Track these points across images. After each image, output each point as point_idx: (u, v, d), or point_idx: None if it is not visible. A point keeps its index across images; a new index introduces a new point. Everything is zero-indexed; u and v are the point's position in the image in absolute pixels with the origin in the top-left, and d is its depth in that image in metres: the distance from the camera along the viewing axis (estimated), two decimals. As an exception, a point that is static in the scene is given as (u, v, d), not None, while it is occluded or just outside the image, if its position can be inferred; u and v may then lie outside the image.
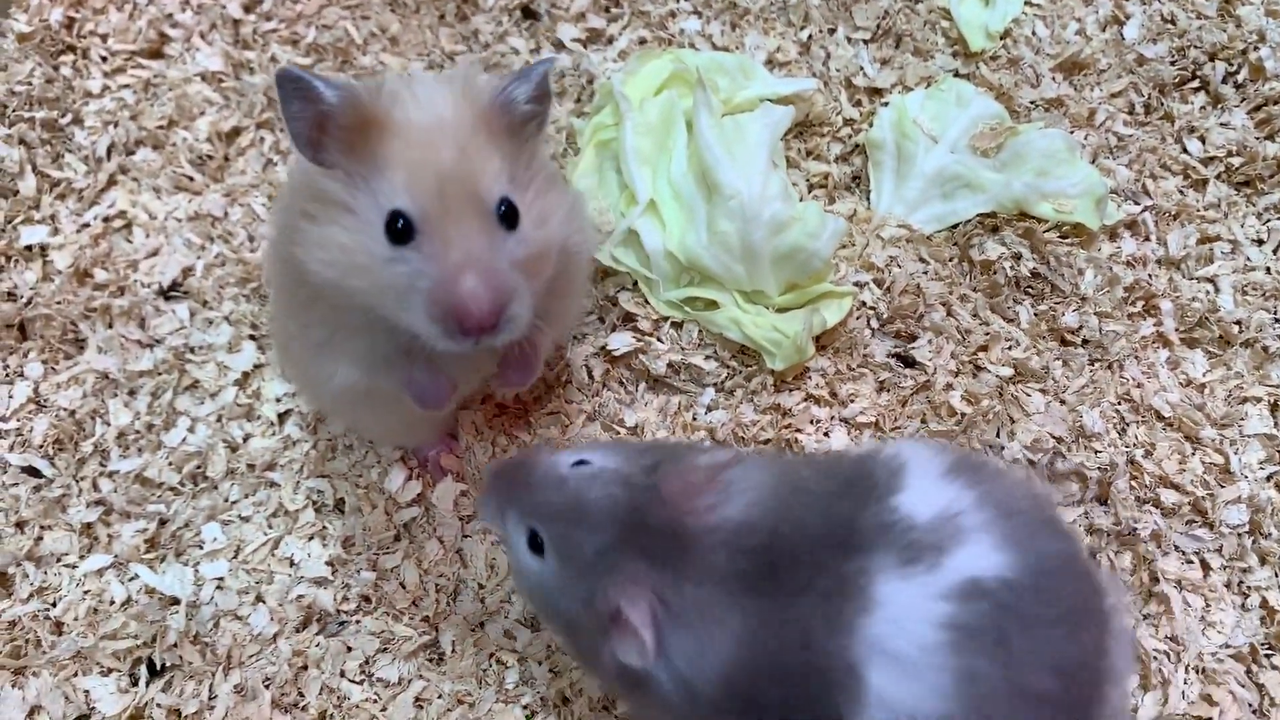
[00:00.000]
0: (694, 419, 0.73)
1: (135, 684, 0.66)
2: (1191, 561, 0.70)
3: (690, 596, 0.50)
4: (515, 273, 0.49)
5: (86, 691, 0.66)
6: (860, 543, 0.51)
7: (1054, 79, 0.87)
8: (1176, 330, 0.77)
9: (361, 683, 0.66)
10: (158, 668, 0.67)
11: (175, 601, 0.68)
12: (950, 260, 0.78)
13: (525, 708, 0.64)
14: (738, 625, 0.50)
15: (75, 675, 0.66)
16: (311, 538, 0.70)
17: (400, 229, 0.48)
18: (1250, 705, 0.65)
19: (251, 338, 0.77)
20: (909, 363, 0.74)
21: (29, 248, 0.81)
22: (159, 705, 0.65)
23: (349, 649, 0.66)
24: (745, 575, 0.50)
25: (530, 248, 0.51)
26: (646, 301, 0.77)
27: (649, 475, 0.52)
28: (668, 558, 0.50)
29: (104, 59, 0.90)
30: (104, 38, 0.90)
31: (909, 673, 0.49)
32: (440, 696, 0.65)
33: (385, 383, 0.57)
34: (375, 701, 0.65)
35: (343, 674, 0.65)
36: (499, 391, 0.72)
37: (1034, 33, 0.89)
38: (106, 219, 0.82)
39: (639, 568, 0.50)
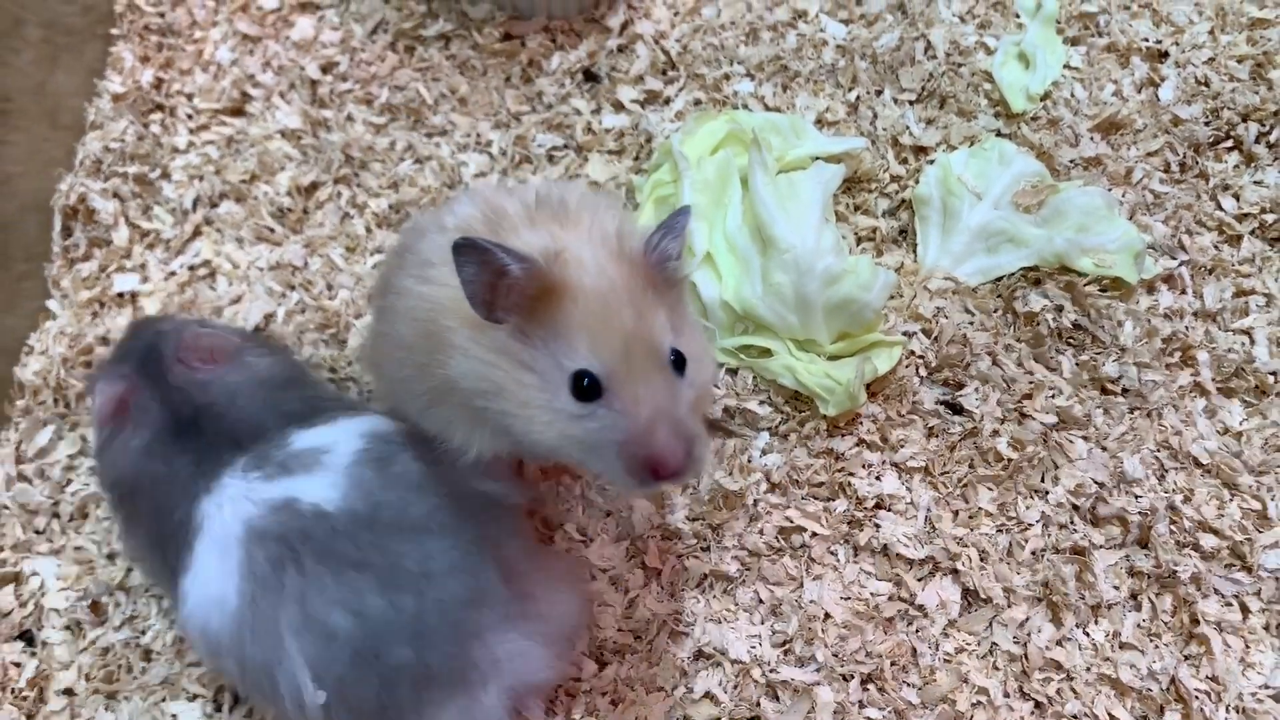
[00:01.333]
0: (749, 461, 0.76)
1: (219, 709, 0.70)
2: (1231, 604, 0.72)
3: (144, 405, 0.67)
4: (692, 416, 0.53)
5: (174, 716, 0.70)
6: (242, 436, 0.64)
7: (1092, 139, 0.91)
8: (1213, 380, 0.80)
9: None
10: (240, 696, 0.71)
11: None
12: (995, 312, 0.82)
13: None
14: (147, 442, 0.66)
15: (164, 700, 0.70)
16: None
17: (587, 387, 0.52)
18: (1290, 744, 0.68)
19: (330, 380, 0.82)
20: (957, 409, 0.78)
21: (121, 295, 0.86)
22: (244, 729, 0.69)
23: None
24: (177, 420, 0.66)
25: (697, 390, 0.55)
26: (703, 349, 0.81)
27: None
28: (153, 380, 0.67)
29: (190, 116, 0.95)
30: (190, 97, 0.96)
31: (217, 556, 0.60)
32: None
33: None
34: None
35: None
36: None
37: (1073, 94, 0.93)
38: (192, 268, 0.87)
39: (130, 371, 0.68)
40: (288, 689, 0.57)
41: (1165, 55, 0.96)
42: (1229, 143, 0.91)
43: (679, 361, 0.54)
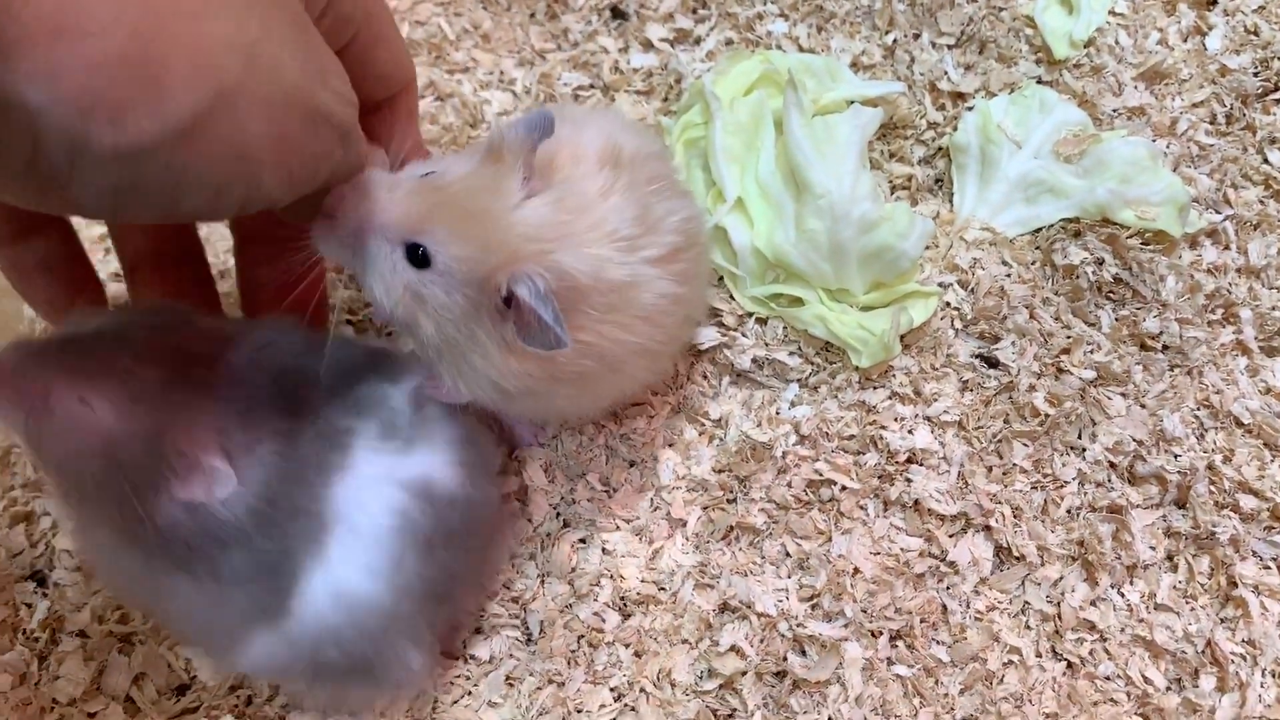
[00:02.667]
0: (777, 413, 0.74)
1: (233, 653, 0.69)
2: (1269, 567, 0.71)
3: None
4: None
5: (188, 660, 0.68)
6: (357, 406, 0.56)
7: (1136, 88, 0.88)
8: (1256, 339, 0.78)
9: (457, 660, 0.68)
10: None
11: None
12: (1033, 264, 0.80)
13: (613, 689, 0.66)
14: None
15: (177, 645, 0.69)
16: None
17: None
18: (1328, 709, 0.66)
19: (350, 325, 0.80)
20: (992, 363, 0.75)
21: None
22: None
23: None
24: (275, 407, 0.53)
25: None
26: (732, 297, 0.79)
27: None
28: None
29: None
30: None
31: (360, 543, 0.54)
32: (531, 675, 0.67)
33: None
34: (468, 679, 0.67)
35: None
36: None
37: (1117, 41, 0.90)
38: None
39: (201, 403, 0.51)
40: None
41: (1214, 2, 0.92)
42: (1278, 94, 0.88)
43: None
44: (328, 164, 0.45)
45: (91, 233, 0.82)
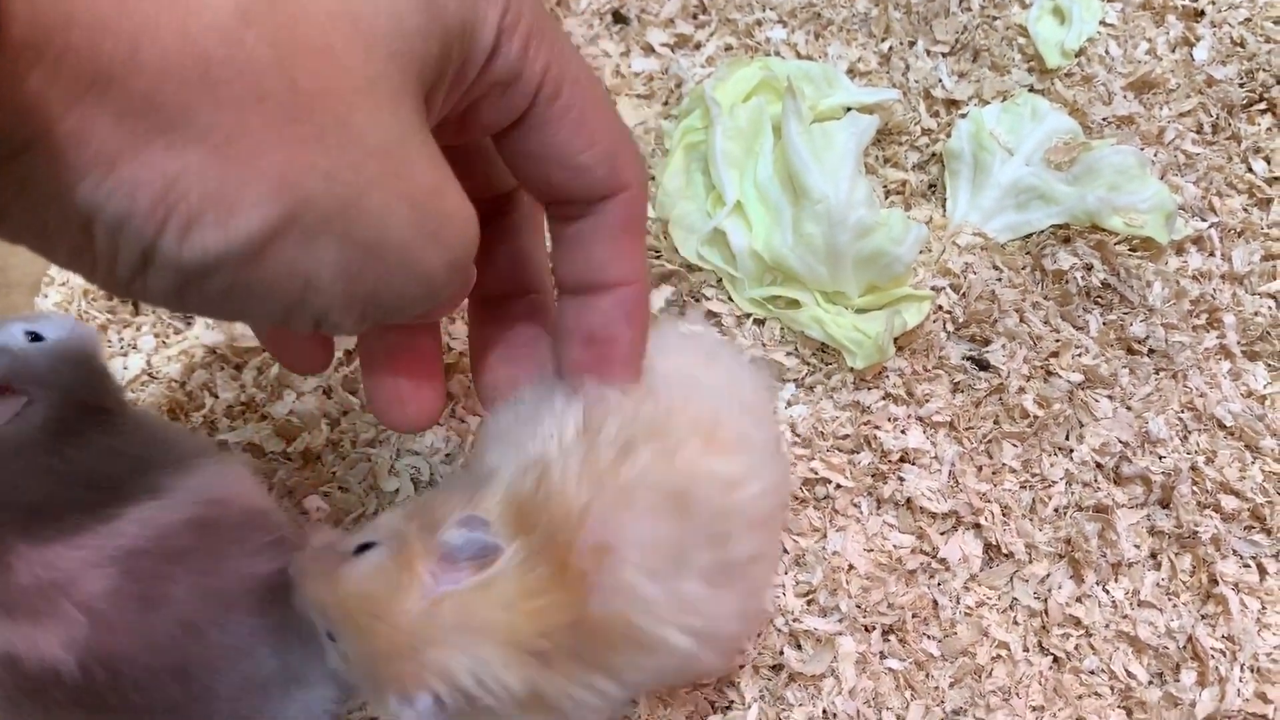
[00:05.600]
0: (774, 412, 0.76)
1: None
2: (1249, 565, 0.73)
3: None
4: None
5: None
6: None
7: (1125, 97, 0.90)
8: (1239, 343, 0.80)
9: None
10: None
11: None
12: (1023, 269, 0.82)
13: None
14: None
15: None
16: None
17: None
18: (1304, 704, 0.68)
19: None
20: (983, 366, 0.78)
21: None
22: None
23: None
24: None
25: None
26: (730, 299, 0.81)
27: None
28: None
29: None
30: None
31: None
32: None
33: None
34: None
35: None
36: None
37: (1107, 52, 0.92)
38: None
39: None
40: None
41: (1201, 14, 0.95)
42: (1262, 105, 0.90)
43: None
44: (406, 313, 0.39)
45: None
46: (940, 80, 0.90)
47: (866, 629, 0.70)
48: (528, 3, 0.39)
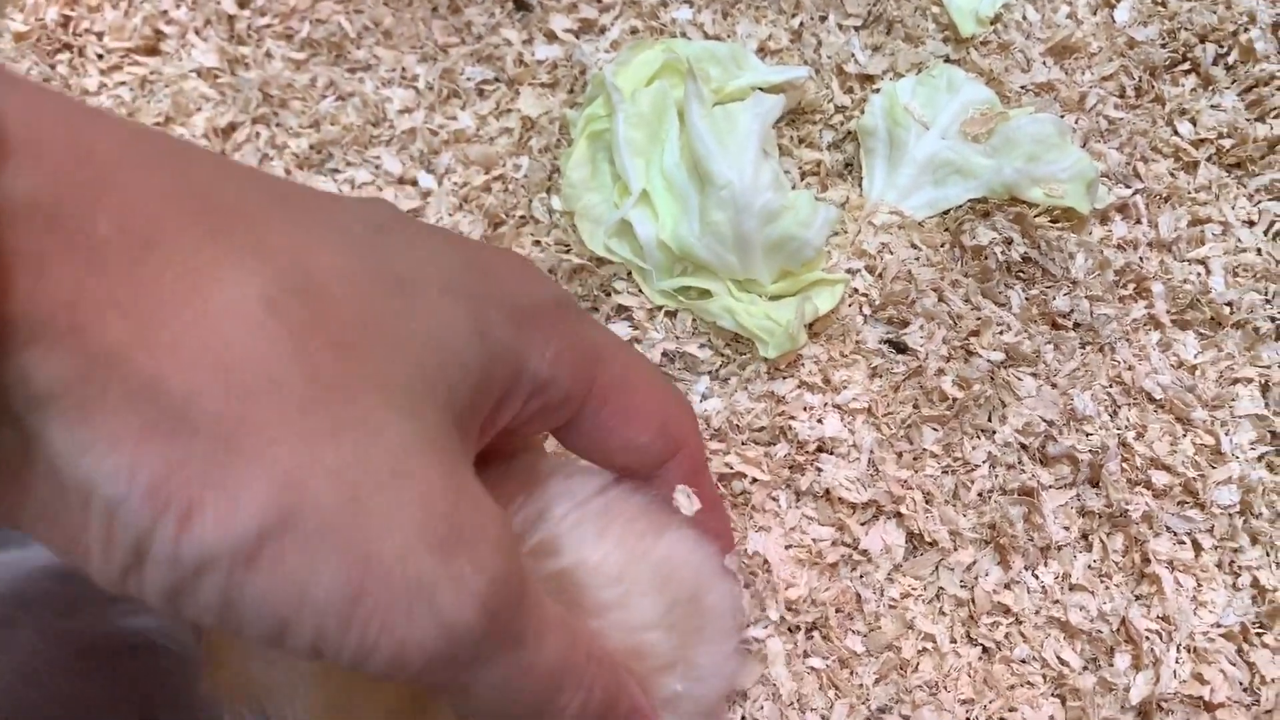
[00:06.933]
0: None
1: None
2: (1183, 542, 0.70)
3: None
4: None
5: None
6: None
7: (1045, 63, 0.87)
8: (1168, 312, 0.78)
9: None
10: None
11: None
12: (942, 246, 0.79)
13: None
14: None
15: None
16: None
17: None
18: (1241, 683, 0.66)
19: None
20: (901, 348, 0.75)
21: (29, 246, 0.82)
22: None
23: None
24: None
25: None
26: (640, 291, 0.78)
27: None
28: None
29: (100, 56, 0.90)
30: (100, 35, 0.91)
31: None
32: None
33: None
34: None
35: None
36: None
37: (1024, 17, 0.89)
38: (105, 216, 0.83)
39: None
40: None
41: (1121, -26, 0.92)
42: (1186, 65, 0.88)
43: None
44: (419, 657, 0.33)
45: None
46: (853, 55, 0.87)
47: (791, 629, 0.67)
48: (583, 326, 0.41)
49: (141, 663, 0.48)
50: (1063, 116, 0.84)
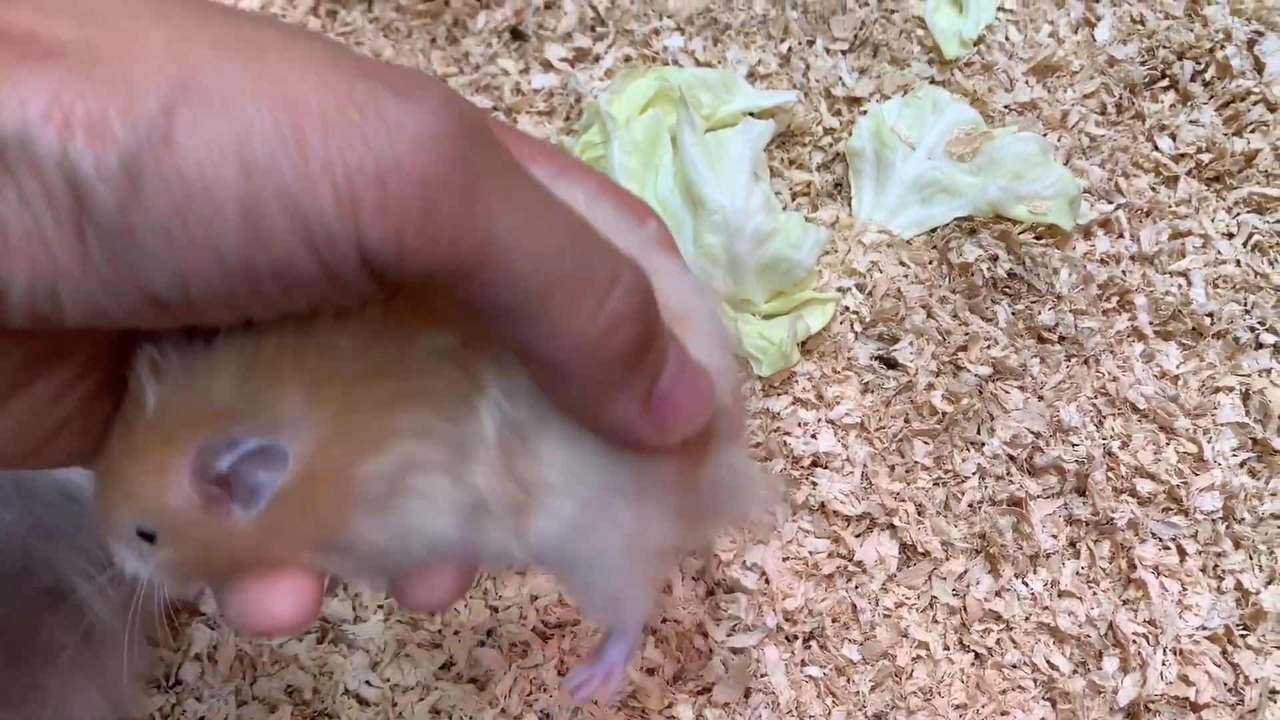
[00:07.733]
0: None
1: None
2: (1168, 548, 0.73)
3: None
4: None
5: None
6: None
7: (1027, 83, 0.90)
8: (1150, 324, 0.80)
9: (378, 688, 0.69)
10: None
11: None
12: (930, 263, 0.81)
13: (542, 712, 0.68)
14: None
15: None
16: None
17: None
18: (1225, 684, 0.68)
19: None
20: (891, 364, 0.77)
21: None
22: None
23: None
24: None
25: None
26: (638, 313, 0.80)
27: None
28: None
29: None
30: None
31: None
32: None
33: None
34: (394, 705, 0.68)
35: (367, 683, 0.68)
36: None
37: (1007, 38, 0.92)
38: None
39: None
40: None
41: (1100, -7, 0.95)
42: (1165, 82, 0.90)
43: None
44: (403, 184, 0.27)
45: None
46: (840, 78, 0.90)
47: (789, 639, 0.69)
48: None
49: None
50: (1045, 134, 0.86)
